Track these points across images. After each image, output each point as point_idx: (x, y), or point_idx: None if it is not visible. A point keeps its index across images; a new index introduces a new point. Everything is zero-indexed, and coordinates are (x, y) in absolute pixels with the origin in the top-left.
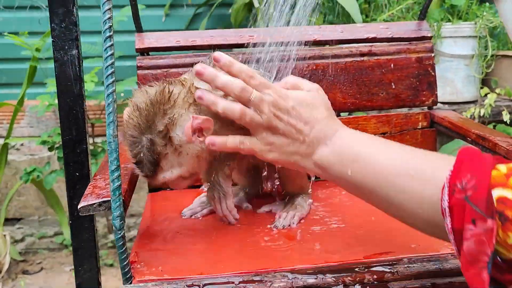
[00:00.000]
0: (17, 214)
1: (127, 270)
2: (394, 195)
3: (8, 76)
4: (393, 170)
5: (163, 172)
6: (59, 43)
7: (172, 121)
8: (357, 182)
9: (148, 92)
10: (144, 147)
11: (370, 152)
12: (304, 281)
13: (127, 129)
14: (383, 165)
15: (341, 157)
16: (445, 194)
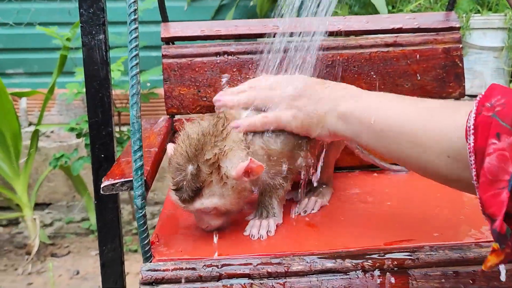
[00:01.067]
0: (47, 200)
1: (147, 249)
2: (416, 131)
3: (40, 66)
4: (416, 110)
5: (201, 199)
6: (87, 28)
7: (222, 152)
8: (379, 125)
9: (200, 124)
10: (188, 173)
11: (392, 98)
12: (323, 265)
13: (174, 157)
14: (407, 105)
15: (365, 105)
16: (472, 113)
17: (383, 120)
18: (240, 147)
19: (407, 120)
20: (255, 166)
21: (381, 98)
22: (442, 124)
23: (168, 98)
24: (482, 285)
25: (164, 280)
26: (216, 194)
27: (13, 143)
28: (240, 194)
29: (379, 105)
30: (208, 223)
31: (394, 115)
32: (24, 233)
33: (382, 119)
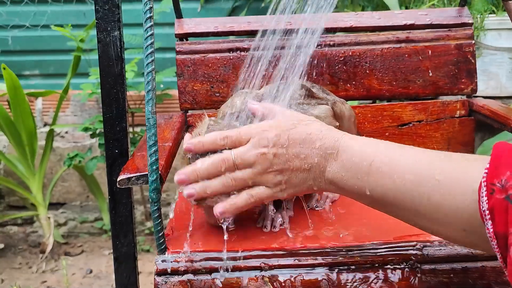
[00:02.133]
0: (61, 199)
1: (162, 241)
2: (420, 206)
3: (55, 67)
4: (415, 178)
5: None
6: (102, 25)
7: None
8: (377, 197)
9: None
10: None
11: (385, 161)
12: (333, 259)
13: None
14: (402, 173)
15: (353, 170)
16: (483, 195)
17: (381, 192)
18: None
19: (411, 195)
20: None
21: (369, 155)
22: (453, 199)
23: (181, 93)
24: (491, 281)
25: (178, 271)
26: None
27: (29, 143)
28: None
29: (369, 165)
30: (216, 219)
31: (393, 184)
32: (38, 232)
33: (380, 189)
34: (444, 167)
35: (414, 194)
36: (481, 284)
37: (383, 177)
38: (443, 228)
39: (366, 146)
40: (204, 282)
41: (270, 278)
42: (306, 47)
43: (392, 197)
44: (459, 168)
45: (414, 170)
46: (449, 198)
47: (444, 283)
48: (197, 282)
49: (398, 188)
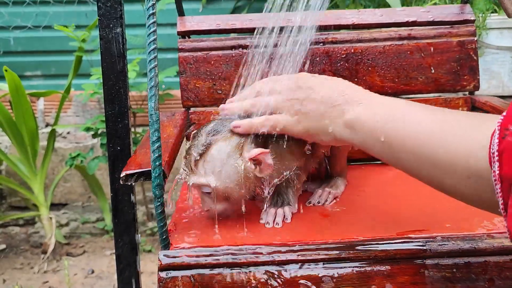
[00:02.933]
0: (63, 200)
1: (165, 236)
2: (431, 155)
3: (57, 68)
4: (433, 128)
5: (200, 174)
6: (104, 21)
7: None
8: (391, 142)
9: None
10: (200, 143)
11: (408, 110)
12: (336, 254)
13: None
14: (421, 124)
15: (375, 114)
16: (495, 138)
17: (396, 137)
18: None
19: (424, 139)
20: (268, 161)
21: (392, 105)
22: (462, 145)
23: (184, 91)
24: (494, 275)
25: (182, 266)
26: (215, 173)
27: (31, 143)
28: (242, 182)
29: (390, 114)
30: (209, 206)
31: (409, 131)
32: (40, 232)
33: (394, 134)
34: (461, 121)
35: (430, 142)
36: (484, 279)
37: (403, 121)
38: (448, 176)
39: (391, 99)
40: (208, 277)
41: (274, 273)
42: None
43: (408, 143)
44: (476, 122)
45: (432, 115)
46: (461, 146)
47: (447, 278)
48: (201, 277)
49: (415, 134)
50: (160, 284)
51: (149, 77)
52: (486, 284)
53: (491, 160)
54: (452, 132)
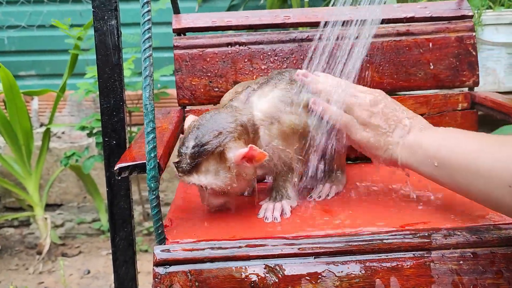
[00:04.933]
0: (58, 200)
1: (160, 231)
2: (483, 167)
3: (51, 67)
4: (481, 144)
5: (198, 174)
6: (99, 13)
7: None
8: (445, 163)
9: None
10: (190, 146)
11: (459, 133)
12: (339, 247)
13: (187, 130)
14: (471, 142)
15: (432, 138)
16: None
17: (450, 158)
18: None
19: (469, 150)
20: (257, 153)
21: (447, 131)
22: (504, 155)
23: (179, 88)
24: (502, 267)
25: (178, 261)
26: (212, 172)
27: (25, 143)
28: (239, 178)
29: (445, 137)
30: (208, 201)
31: (458, 148)
32: (35, 233)
33: (449, 155)
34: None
35: (475, 153)
36: (492, 271)
37: (455, 140)
38: (490, 184)
39: (444, 129)
40: (205, 272)
41: (273, 267)
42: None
43: (457, 157)
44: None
45: (480, 136)
46: (503, 155)
47: (454, 270)
48: (197, 272)
49: (464, 149)
50: (156, 279)
51: (144, 66)
52: (494, 276)
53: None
54: (495, 146)
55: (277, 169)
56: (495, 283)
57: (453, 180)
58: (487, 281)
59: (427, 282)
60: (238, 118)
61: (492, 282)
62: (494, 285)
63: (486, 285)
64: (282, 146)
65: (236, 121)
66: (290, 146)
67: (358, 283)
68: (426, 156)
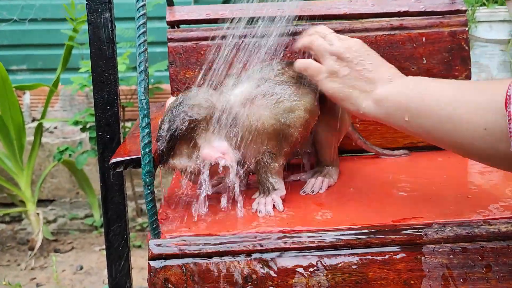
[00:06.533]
0: (50, 196)
1: (155, 225)
2: (454, 114)
3: (43, 62)
4: (454, 92)
5: (173, 158)
6: (92, 6)
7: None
8: (414, 114)
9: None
10: (165, 129)
11: (431, 81)
12: (332, 241)
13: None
14: (442, 89)
15: (401, 88)
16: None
17: (418, 100)
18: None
19: (442, 96)
20: (223, 163)
21: (416, 81)
22: (479, 98)
23: (173, 81)
24: (491, 261)
25: (173, 256)
26: (185, 156)
27: (17, 138)
28: (211, 171)
29: (414, 88)
30: (197, 181)
31: (430, 94)
32: (27, 229)
33: (417, 98)
34: (480, 83)
35: (447, 98)
36: (481, 265)
37: (425, 87)
38: (468, 133)
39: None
40: (200, 266)
41: (268, 261)
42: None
43: (427, 103)
44: (491, 82)
45: (453, 82)
46: (478, 102)
47: (444, 264)
48: (193, 266)
49: (435, 94)
50: (151, 274)
51: (139, 61)
52: (483, 270)
53: (507, 103)
54: (469, 93)
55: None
56: (484, 276)
57: (424, 129)
58: (476, 275)
59: (418, 276)
60: (211, 103)
61: (481, 276)
62: (483, 278)
63: (475, 279)
64: (255, 140)
65: (209, 107)
66: (264, 141)
67: (350, 276)
68: (395, 108)
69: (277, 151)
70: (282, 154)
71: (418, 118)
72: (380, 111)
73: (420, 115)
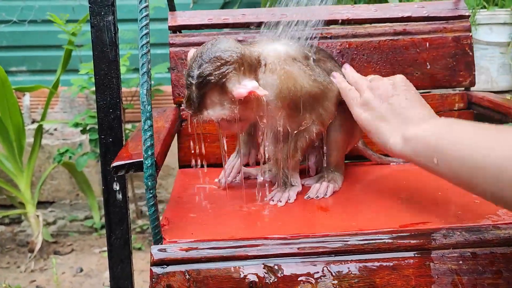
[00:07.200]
0: (50, 198)
1: (157, 230)
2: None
3: (43, 63)
4: (478, 136)
5: (207, 109)
6: (95, 9)
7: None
8: (443, 158)
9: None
10: (195, 78)
11: (457, 124)
12: (339, 247)
13: (190, 60)
14: (468, 134)
15: (434, 131)
16: None
17: (449, 143)
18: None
19: (476, 142)
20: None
21: (448, 123)
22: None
23: (175, 87)
24: (501, 267)
25: (176, 261)
26: (218, 104)
27: (17, 139)
28: (244, 106)
29: (447, 126)
30: (223, 127)
31: (462, 137)
32: (26, 231)
33: (448, 142)
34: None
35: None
36: (491, 271)
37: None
38: (498, 182)
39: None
40: (203, 272)
41: (273, 267)
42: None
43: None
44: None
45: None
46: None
47: (453, 270)
48: (195, 272)
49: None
50: (153, 280)
51: (141, 62)
52: (494, 276)
53: None
54: (496, 137)
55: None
56: (495, 283)
57: (454, 174)
58: (486, 281)
59: (427, 282)
60: (241, 48)
61: (491, 282)
62: (493, 285)
63: (485, 285)
64: (276, 104)
65: (240, 50)
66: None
67: (357, 283)
68: (424, 149)
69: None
70: (300, 150)
71: (447, 161)
72: (407, 149)
73: (449, 158)
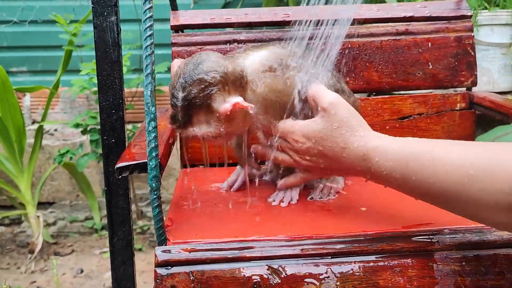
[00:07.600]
0: (50, 198)
1: (161, 231)
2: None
3: (43, 64)
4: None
5: (193, 126)
6: (98, 9)
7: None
8: (415, 180)
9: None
10: (180, 100)
11: (434, 144)
12: (341, 248)
13: (174, 78)
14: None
15: (397, 162)
16: None
17: (422, 176)
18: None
19: (453, 179)
20: (242, 106)
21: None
22: (498, 179)
23: None
24: (504, 269)
25: (180, 262)
26: (204, 123)
27: (17, 140)
28: (231, 123)
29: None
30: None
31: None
32: (26, 232)
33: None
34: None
35: (458, 181)
36: (494, 272)
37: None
38: (486, 213)
39: (401, 142)
40: (207, 273)
41: (276, 269)
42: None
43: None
44: (493, 159)
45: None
46: (496, 179)
47: (456, 271)
48: (200, 273)
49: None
50: (157, 281)
51: (145, 64)
52: (496, 277)
53: None
54: (484, 166)
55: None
56: (497, 284)
57: (427, 200)
58: (489, 282)
59: (430, 283)
60: (224, 66)
61: (494, 284)
62: (496, 286)
63: (488, 286)
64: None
65: (223, 69)
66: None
67: (360, 284)
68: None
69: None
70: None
71: (419, 189)
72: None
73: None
